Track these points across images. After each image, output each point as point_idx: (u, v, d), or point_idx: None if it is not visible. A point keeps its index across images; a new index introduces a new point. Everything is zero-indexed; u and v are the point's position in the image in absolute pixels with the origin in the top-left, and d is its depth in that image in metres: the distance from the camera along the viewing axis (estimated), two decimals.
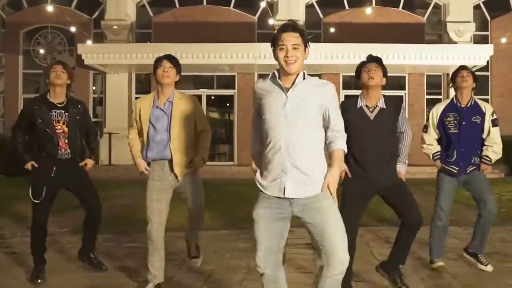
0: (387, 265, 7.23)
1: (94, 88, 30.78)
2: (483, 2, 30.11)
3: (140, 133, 7.22)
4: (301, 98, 4.93)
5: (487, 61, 27.31)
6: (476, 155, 8.15)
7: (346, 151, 5.20)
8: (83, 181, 8.11)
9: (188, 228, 7.61)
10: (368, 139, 6.75)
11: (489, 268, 8.16)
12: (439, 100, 28.71)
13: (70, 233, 11.03)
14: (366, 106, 6.87)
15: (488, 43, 28.91)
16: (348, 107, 6.80)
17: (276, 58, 4.96)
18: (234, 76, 29.46)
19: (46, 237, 8.08)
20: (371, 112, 6.87)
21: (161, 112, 7.01)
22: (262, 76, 19.15)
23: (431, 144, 8.26)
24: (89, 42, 27.96)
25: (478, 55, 26.32)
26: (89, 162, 8.23)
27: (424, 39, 29.43)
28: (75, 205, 8.49)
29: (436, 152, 8.23)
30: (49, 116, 7.70)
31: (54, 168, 7.74)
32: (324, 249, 4.91)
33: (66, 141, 7.79)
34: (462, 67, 8.28)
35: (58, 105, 7.81)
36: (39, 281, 7.69)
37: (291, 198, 4.93)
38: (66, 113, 7.82)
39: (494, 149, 8.10)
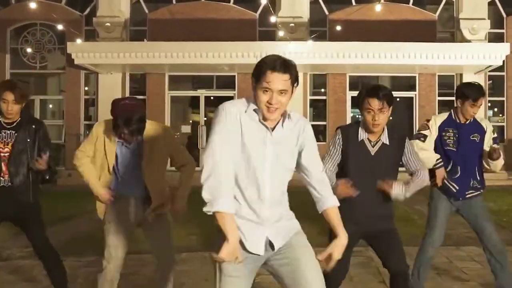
0: None
1: (86, 89, 30.32)
2: None
3: (94, 161, 6.23)
4: (286, 141, 4.32)
5: (503, 61, 26.61)
6: (475, 178, 7.34)
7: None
8: (28, 218, 7.04)
9: None
10: (367, 175, 5.84)
11: None
12: (451, 102, 28.68)
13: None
14: (368, 139, 5.92)
15: (503, 41, 28.30)
16: (348, 137, 5.93)
17: (256, 97, 4.18)
18: (234, 76, 28.99)
19: None
20: (373, 146, 5.94)
21: (127, 151, 6.11)
22: None
23: (425, 149, 7.18)
24: (78, 41, 27.27)
25: (494, 55, 25.64)
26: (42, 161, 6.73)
27: (436, 37, 28.84)
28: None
29: (438, 159, 7.21)
30: None
31: None
32: None
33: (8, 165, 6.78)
34: (478, 92, 7.21)
35: (9, 125, 6.82)
36: None
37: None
38: (16, 134, 6.82)
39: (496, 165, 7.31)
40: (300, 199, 5.87)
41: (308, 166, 4.44)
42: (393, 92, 5.97)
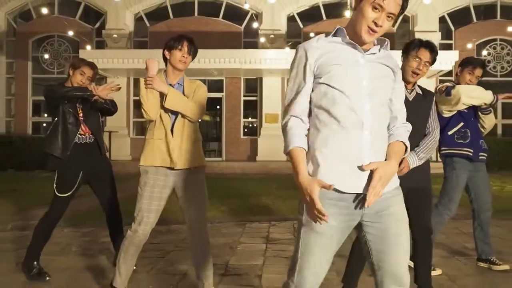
0: None
1: None
2: (447, 14, 29.43)
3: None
4: (380, 63, 3.07)
5: (452, 66, 25.81)
6: (481, 138, 6.49)
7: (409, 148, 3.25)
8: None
9: (194, 262, 5.32)
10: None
11: (505, 266, 6.49)
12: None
13: None
14: (405, 86, 4.99)
15: (452, 50, 27.61)
16: None
17: (360, 14, 2.96)
18: (223, 80, 28.50)
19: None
20: (409, 93, 5.05)
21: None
22: (248, 81, 17.85)
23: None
24: (88, 47, 27.07)
25: (445, 61, 24.79)
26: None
27: (395, 47, 28.01)
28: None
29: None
30: None
31: None
32: (380, 268, 3.03)
33: None
34: (478, 61, 6.57)
35: None
36: (48, 278, 6.06)
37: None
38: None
39: None
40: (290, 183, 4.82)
41: (394, 111, 3.21)
42: None
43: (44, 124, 29.58)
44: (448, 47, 28.77)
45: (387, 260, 3.00)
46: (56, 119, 6.14)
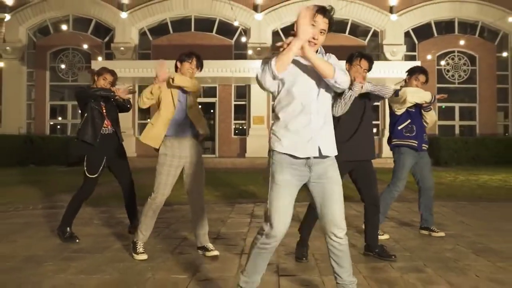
0: (369, 247, 6.07)
1: None
2: (412, 29, 29.80)
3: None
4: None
5: None
6: (424, 132, 7.29)
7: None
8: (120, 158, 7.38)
9: (193, 222, 6.20)
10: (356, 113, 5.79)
11: (441, 234, 7.32)
12: (376, 107, 28.82)
13: None
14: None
15: (415, 60, 28.15)
16: None
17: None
18: (216, 87, 28.83)
19: None
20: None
21: (182, 91, 5.96)
22: (238, 87, 18.46)
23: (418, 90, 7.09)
24: (100, 59, 27.51)
25: None
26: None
27: None
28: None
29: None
30: None
31: None
32: (323, 217, 3.86)
33: None
34: (423, 70, 7.33)
35: None
36: (78, 240, 6.84)
37: (311, 166, 3.85)
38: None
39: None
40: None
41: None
42: None
43: (58, 127, 30.20)
44: (412, 58, 29.31)
45: (327, 211, 3.86)
46: (86, 114, 6.88)
